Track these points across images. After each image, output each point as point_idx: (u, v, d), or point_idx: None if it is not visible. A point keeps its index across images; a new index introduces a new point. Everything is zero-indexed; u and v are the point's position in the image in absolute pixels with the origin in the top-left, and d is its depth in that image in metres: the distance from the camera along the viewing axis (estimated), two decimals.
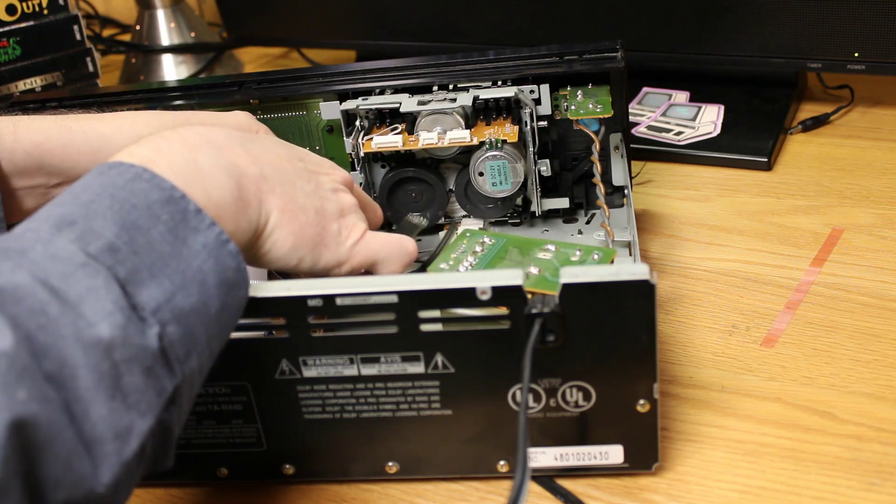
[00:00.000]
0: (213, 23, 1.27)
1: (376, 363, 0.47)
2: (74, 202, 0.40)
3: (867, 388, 0.55)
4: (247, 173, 0.47)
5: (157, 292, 0.39)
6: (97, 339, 0.36)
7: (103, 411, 0.35)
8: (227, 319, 0.43)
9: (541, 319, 0.44)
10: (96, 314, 0.36)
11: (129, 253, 0.39)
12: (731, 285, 0.66)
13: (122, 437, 0.36)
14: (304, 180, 0.50)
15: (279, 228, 0.48)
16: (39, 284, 0.36)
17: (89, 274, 0.37)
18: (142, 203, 0.40)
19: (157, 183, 0.41)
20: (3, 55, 0.93)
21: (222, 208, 0.44)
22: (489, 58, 0.67)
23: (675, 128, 0.87)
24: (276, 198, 0.48)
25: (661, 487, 0.50)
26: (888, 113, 0.89)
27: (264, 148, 0.50)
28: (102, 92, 0.72)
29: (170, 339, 0.38)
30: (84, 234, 0.38)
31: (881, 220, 0.72)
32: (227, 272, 0.42)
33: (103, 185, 0.41)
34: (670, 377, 0.57)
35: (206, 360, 0.42)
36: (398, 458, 0.51)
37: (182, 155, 0.44)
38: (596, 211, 0.70)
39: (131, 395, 0.37)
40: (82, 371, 0.35)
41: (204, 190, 0.43)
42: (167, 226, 0.41)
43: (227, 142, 0.48)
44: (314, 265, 0.50)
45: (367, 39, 1.04)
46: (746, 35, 0.84)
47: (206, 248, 0.41)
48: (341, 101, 0.67)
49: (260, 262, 0.49)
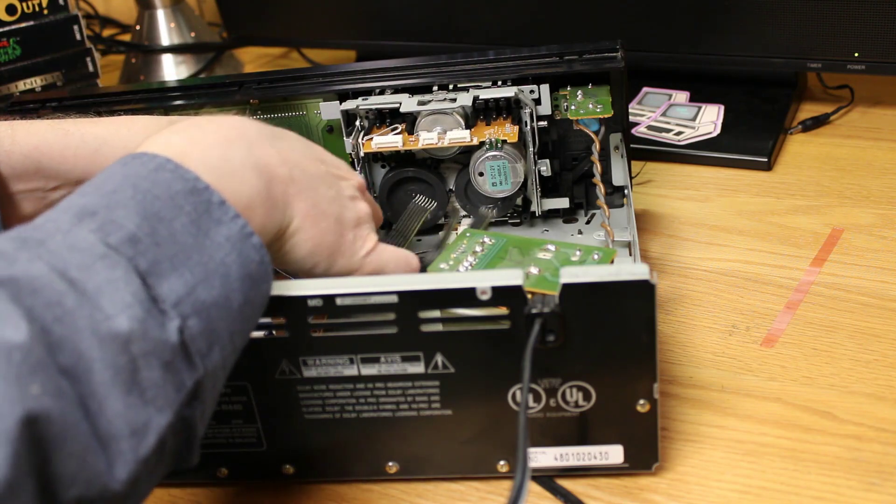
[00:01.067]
0: (213, 23, 1.27)
1: (376, 363, 0.47)
2: (96, 192, 0.40)
3: (867, 388, 0.55)
4: (276, 175, 0.46)
5: (178, 284, 0.38)
6: (115, 332, 0.35)
7: (119, 407, 0.35)
8: (251, 313, 0.42)
9: (541, 319, 0.44)
10: (115, 306, 0.36)
11: (151, 244, 0.38)
12: (731, 285, 0.66)
13: (138, 433, 0.36)
14: (326, 185, 0.50)
15: (300, 232, 0.48)
16: (57, 275, 0.35)
17: (109, 265, 0.36)
18: (164, 194, 0.40)
19: (180, 174, 0.41)
20: (3, 55, 0.93)
21: (250, 208, 0.44)
22: (489, 58, 0.67)
23: (675, 128, 0.87)
24: (300, 202, 0.47)
25: (661, 487, 0.50)
26: (888, 113, 0.89)
27: (291, 147, 0.49)
28: (102, 92, 0.72)
29: (191, 332, 0.38)
30: (105, 224, 0.38)
31: (881, 220, 0.72)
32: (250, 265, 0.42)
33: (126, 175, 0.40)
34: (670, 377, 0.57)
35: (230, 355, 0.41)
36: (398, 458, 0.51)
37: (216, 150, 0.44)
38: (596, 211, 0.70)
39: (149, 390, 0.36)
40: (98, 365, 0.34)
41: (232, 186, 0.43)
42: (190, 217, 0.40)
43: (259, 138, 0.47)
44: (327, 271, 0.50)
45: (367, 39, 1.04)
46: (746, 35, 0.84)
47: (229, 240, 0.41)
48: (341, 101, 0.67)
49: (276, 262, 0.48)
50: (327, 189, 0.50)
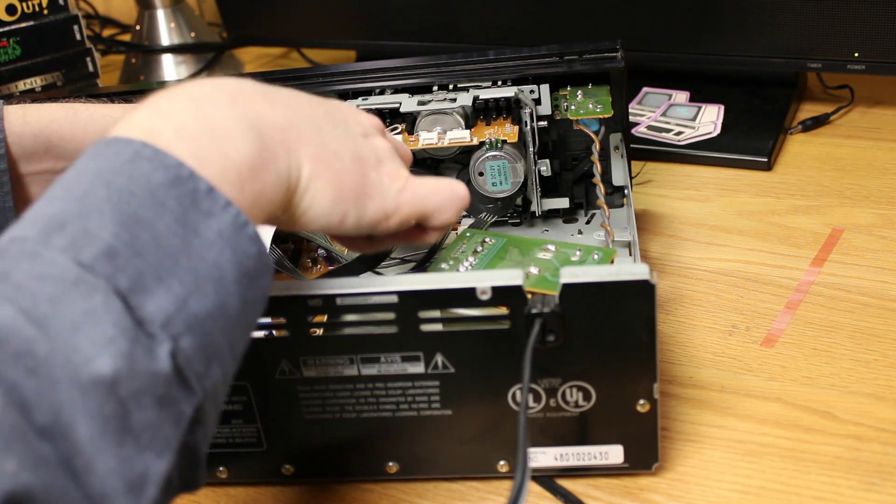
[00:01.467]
0: (213, 23, 1.27)
1: (376, 363, 0.47)
2: (66, 197, 0.35)
3: (867, 388, 0.55)
4: (269, 121, 0.40)
5: (166, 300, 0.33)
6: (97, 376, 0.31)
7: (111, 462, 0.30)
8: (250, 316, 0.38)
9: (541, 319, 0.44)
10: (95, 344, 0.31)
11: (131, 255, 0.33)
12: (731, 285, 0.66)
13: (136, 487, 0.31)
14: (332, 124, 0.44)
15: (315, 180, 0.41)
16: (24, 318, 0.30)
17: (84, 293, 0.32)
18: (143, 189, 0.35)
19: (160, 161, 0.35)
20: (3, 55, 0.93)
21: (244, 166, 0.38)
22: (489, 58, 0.67)
23: (675, 128, 0.87)
24: (305, 146, 0.41)
25: (661, 487, 0.50)
26: (888, 113, 0.89)
27: (282, 93, 0.43)
28: (102, 92, 0.72)
29: (185, 354, 0.33)
30: (76, 238, 0.33)
31: (881, 220, 0.72)
32: (246, 261, 0.37)
33: (98, 170, 0.35)
34: (670, 377, 0.57)
35: (230, 366, 0.37)
36: (398, 458, 0.51)
37: (188, 112, 0.38)
38: (596, 211, 0.70)
39: (143, 434, 0.32)
40: (82, 418, 0.30)
41: (220, 150, 0.37)
42: (174, 214, 0.35)
43: (240, 88, 0.41)
44: (360, 220, 0.44)
45: (367, 39, 1.04)
46: (746, 35, 0.84)
47: (221, 235, 0.36)
48: (341, 101, 0.67)
49: (299, 223, 0.43)
50: (333, 128, 0.44)
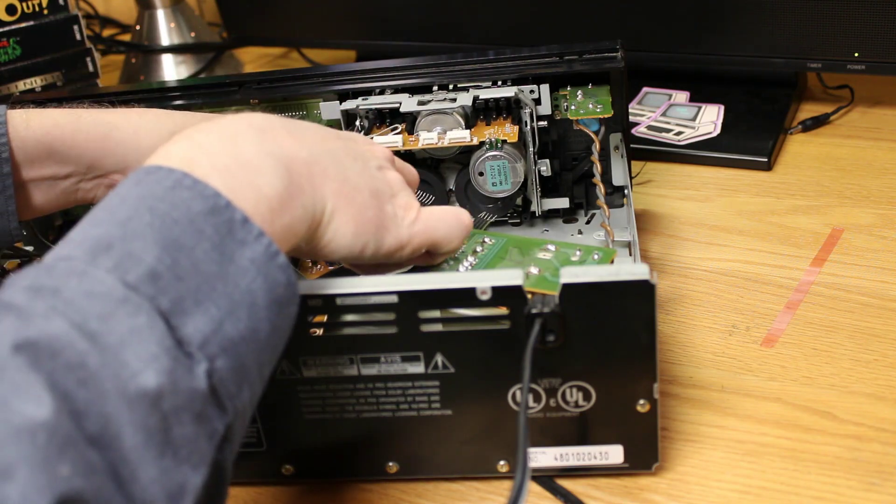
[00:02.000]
0: (213, 23, 1.27)
1: (376, 363, 0.47)
2: (111, 220, 0.37)
3: (867, 388, 0.55)
4: (296, 158, 0.43)
5: (204, 322, 0.35)
6: (143, 390, 0.33)
7: (153, 472, 0.32)
8: (278, 342, 0.40)
9: (541, 319, 0.44)
10: (141, 360, 0.33)
11: (173, 279, 0.35)
12: (731, 285, 0.66)
13: (175, 498, 0.33)
14: (351, 159, 0.46)
15: (338, 214, 0.44)
16: (77, 331, 0.32)
17: (130, 312, 0.34)
18: (184, 217, 0.37)
19: (199, 190, 0.38)
20: (3, 55, 0.93)
21: (274, 200, 0.40)
22: (489, 58, 0.67)
23: (675, 128, 0.87)
24: (329, 181, 0.44)
25: (661, 487, 0.50)
26: (888, 113, 0.89)
27: (305, 128, 0.46)
28: (102, 92, 0.72)
29: (219, 375, 0.35)
30: (122, 260, 0.35)
31: (881, 220, 0.72)
32: (277, 289, 0.39)
33: (141, 196, 0.37)
34: (670, 377, 0.57)
35: (258, 389, 0.39)
36: (398, 458, 0.51)
37: (223, 146, 0.41)
38: (596, 211, 0.70)
39: (182, 448, 0.34)
40: (128, 429, 0.32)
41: (252, 184, 0.40)
42: (212, 242, 0.37)
43: (269, 125, 0.44)
44: (377, 251, 0.46)
45: (367, 39, 1.04)
46: (746, 35, 0.84)
47: (254, 263, 0.38)
48: (341, 101, 0.67)
49: (322, 253, 0.45)
50: (353, 162, 0.46)
